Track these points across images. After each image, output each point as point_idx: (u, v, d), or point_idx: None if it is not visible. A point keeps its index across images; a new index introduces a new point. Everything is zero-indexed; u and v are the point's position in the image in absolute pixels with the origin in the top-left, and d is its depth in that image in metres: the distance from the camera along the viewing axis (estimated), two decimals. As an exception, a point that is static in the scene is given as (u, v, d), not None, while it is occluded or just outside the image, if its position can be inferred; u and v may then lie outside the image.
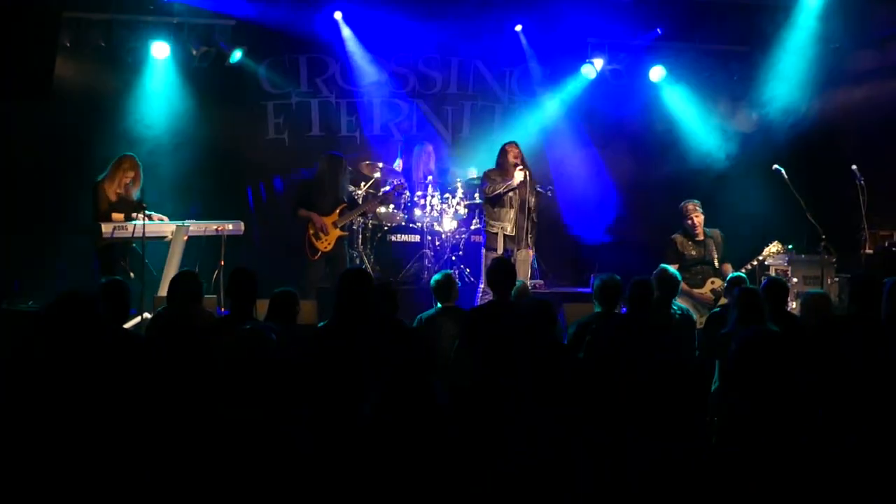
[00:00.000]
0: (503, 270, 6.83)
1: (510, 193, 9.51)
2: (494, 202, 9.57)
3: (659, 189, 12.39)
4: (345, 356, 5.35)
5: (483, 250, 9.97)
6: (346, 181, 10.45)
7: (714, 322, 7.19)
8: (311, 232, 10.05)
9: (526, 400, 4.88)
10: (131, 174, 9.51)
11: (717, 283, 9.48)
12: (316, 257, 10.05)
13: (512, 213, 9.47)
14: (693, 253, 9.76)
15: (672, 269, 7.77)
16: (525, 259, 9.85)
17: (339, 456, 4.00)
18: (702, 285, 9.67)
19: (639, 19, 12.02)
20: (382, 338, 5.18)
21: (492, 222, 9.61)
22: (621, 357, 5.93)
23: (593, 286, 7.07)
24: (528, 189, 9.55)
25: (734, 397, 3.93)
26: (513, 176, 9.49)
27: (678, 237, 9.85)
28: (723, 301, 8.96)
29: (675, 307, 7.61)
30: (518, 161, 9.61)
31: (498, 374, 5.14)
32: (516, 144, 9.76)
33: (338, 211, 10.15)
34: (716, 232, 9.88)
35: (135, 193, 9.47)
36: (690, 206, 9.86)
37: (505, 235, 9.49)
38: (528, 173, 9.54)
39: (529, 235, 9.63)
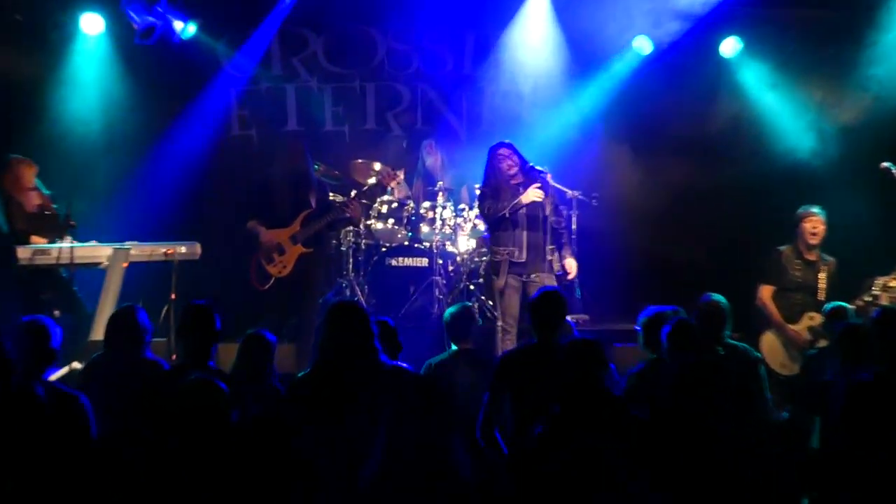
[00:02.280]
0: (549, 304, 6.69)
1: (521, 210, 9.40)
2: (497, 224, 9.49)
3: (729, 198, 12.34)
4: (332, 412, 5.30)
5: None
6: (310, 175, 10.01)
7: (813, 366, 7.11)
8: (261, 252, 9.72)
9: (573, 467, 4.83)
10: (30, 172, 9.56)
11: (817, 319, 9.42)
12: (266, 286, 9.69)
13: (522, 235, 9.36)
14: (798, 275, 9.79)
15: (718, 296, 7.69)
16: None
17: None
18: (797, 319, 9.64)
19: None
20: (381, 388, 5.14)
21: (495, 248, 9.53)
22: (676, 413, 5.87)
23: (640, 324, 7.04)
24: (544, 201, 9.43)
25: (840, 464, 3.83)
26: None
27: (786, 251, 9.91)
28: (822, 343, 8.91)
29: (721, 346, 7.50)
30: (515, 169, 9.47)
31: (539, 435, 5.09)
32: (510, 149, 9.62)
33: (300, 220, 9.74)
34: (832, 261, 9.90)
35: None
36: (812, 215, 9.83)
37: (511, 262, 9.40)
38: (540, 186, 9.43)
39: (554, 253, 9.47)
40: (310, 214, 9.76)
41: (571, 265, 9.63)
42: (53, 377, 6.91)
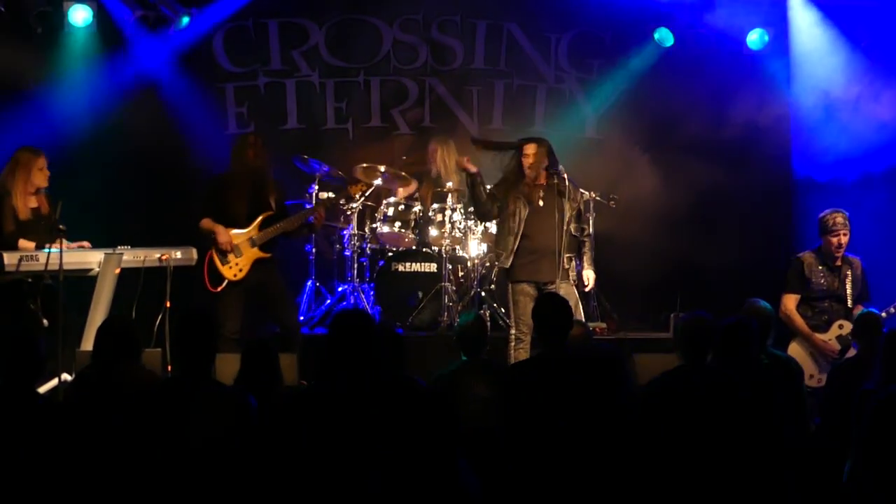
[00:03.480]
0: (553, 310, 6.63)
1: (516, 214, 9.51)
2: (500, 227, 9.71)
3: (755, 200, 12.34)
4: (332, 427, 5.34)
5: None
6: (268, 174, 9.98)
7: (842, 377, 7.13)
8: (214, 251, 9.71)
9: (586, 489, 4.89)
10: (47, 173, 9.57)
11: (847, 327, 9.43)
12: (218, 288, 9.69)
13: (515, 241, 9.47)
14: (823, 282, 9.70)
15: (763, 301, 7.73)
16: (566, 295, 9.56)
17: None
18: (826, 329, 9.62)
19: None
20: (387, 402, 5.17)
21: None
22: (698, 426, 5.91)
23: (675, 329, 7.07)
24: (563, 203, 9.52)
25: (873, 486, 3.89)
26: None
27: (808, 257, 9.79)
28: (852, 353, 8.93)
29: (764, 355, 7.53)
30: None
31: (550, 455, 5.15)
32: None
33: (258, 221, 9.75)
34: (856, 261, 9.78)
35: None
36: (838, 219, 9.70)
37: (504, 270, 9.59)
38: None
39: (572, 261, 9.54)
40: (268, 217, 9.81)
41: (589, 277, 9.67)
42: (41, 390, 6.96)
